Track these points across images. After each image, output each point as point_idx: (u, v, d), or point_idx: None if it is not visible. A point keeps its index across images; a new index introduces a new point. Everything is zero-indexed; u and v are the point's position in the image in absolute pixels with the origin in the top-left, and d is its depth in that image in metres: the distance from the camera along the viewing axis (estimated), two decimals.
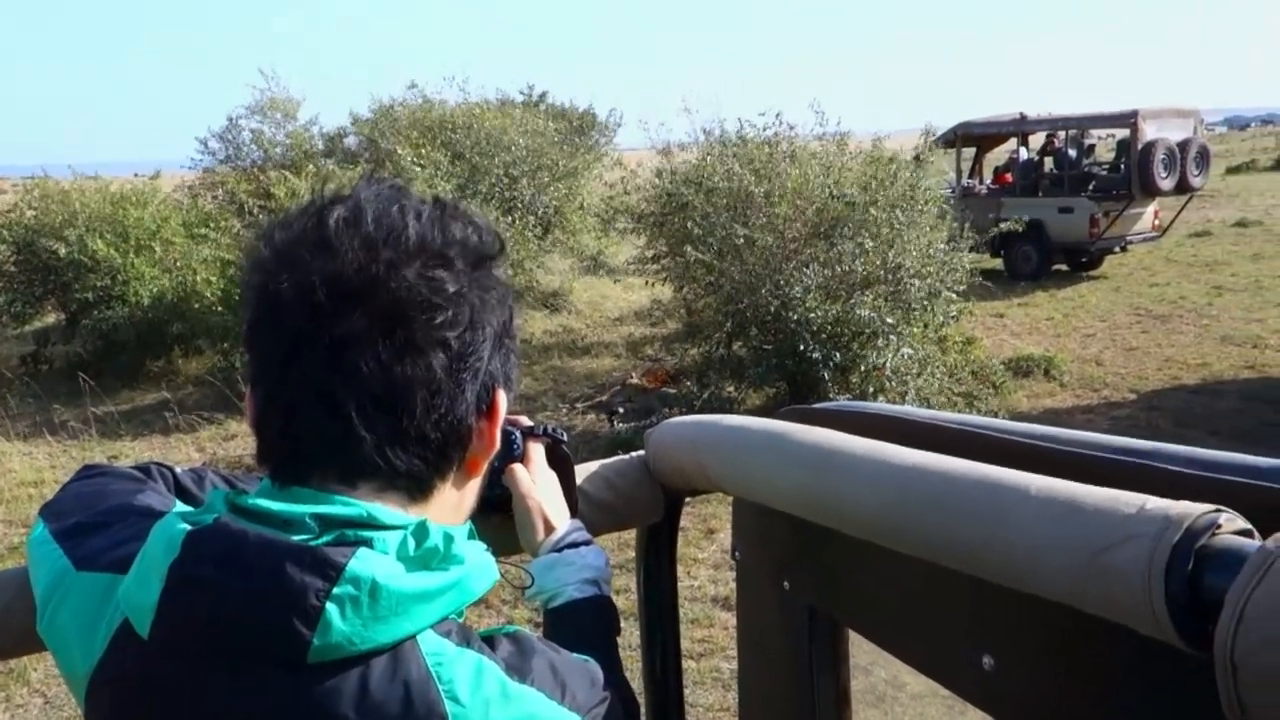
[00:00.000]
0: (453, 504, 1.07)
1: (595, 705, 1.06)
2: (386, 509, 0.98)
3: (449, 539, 0.98)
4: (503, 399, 1.05)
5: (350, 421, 0.96)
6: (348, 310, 0.95)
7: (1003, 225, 13.31)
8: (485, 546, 1.03)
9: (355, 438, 0.96)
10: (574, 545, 1.37)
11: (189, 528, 0.95)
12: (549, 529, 1.37)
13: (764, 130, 11.00)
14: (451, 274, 0.99)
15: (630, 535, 1.74)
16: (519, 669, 1.00)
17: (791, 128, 10.99)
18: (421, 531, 0.97)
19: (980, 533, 1.02)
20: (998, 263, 17.14)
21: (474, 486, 1.10)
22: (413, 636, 0.95)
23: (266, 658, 0.91)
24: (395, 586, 0.92)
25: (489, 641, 1.02)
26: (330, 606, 0.90)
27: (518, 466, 1.39)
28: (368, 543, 0.94)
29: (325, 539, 0.94)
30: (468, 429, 1.02)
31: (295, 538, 0.94)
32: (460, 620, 1.02)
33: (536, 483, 1.40)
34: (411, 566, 0.95)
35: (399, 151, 13.99)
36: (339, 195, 1.01)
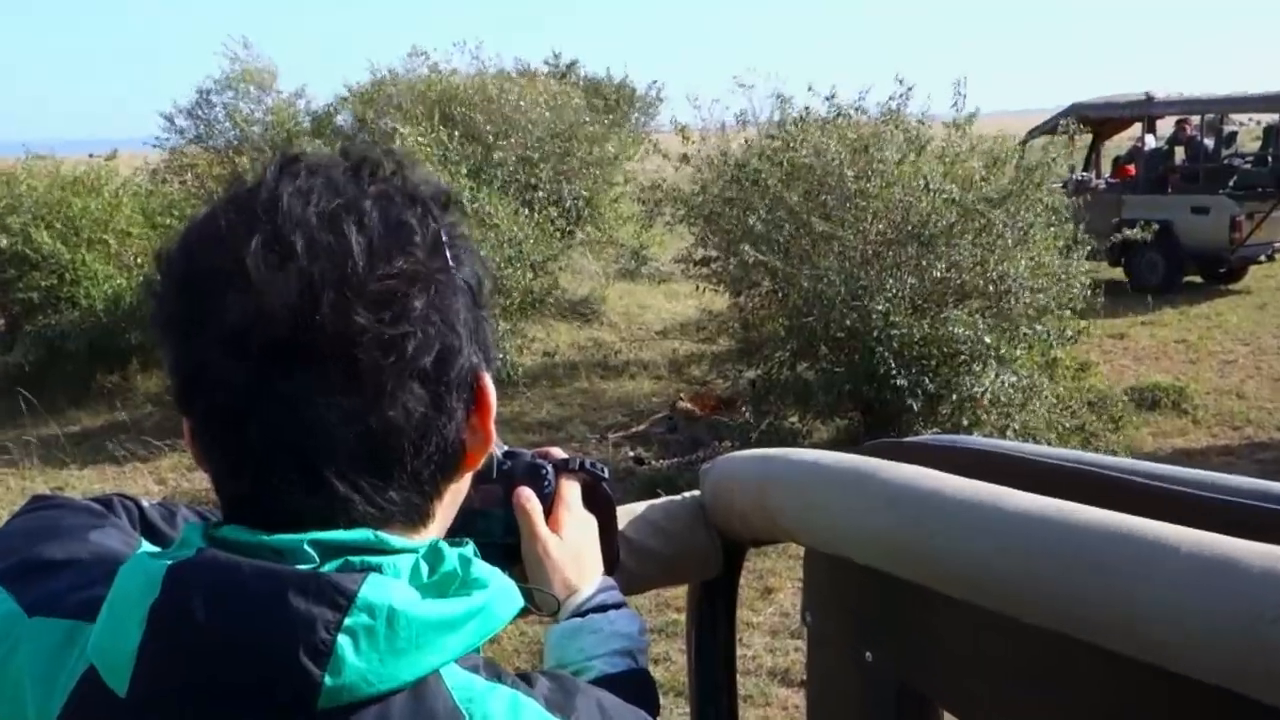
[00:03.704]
0: (452, 504, 1.09)
1: None
2: (392, 535, 0.99)
3: (466, 561, 0.99)
4: (489, 384, 1.06)
5: (332, 487, 0.97)
6: (295, 365, 0.95)
7: (1126, 232, 13.16)
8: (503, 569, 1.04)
9: (341, 500, 0.98)
10: (602, 609, 1.36)
11: (169, 563, 0.96)
12: (570, 588, 1.36)
13: (880, 104, 10.92)
14: (415, 286, 0.98)
15: (672, 593, 1.73)
16: (561, 706, 1.02)
17: (904, 108, 10.89)
18: (435, 555, 0.99)
19: (1113, 595, 1.01)
20: (1118, 272, 17.00)
21: (469, 477, 1.11)
22: (436, 672, 0.95)
23: (270, 708, 0.92)
24: (414, 614, 0.93)
25: (524, 679, 1.03)
26: (342, 640, 0.91)
27: (528, 501, 1.38)
28: (377, 569, 0.95)
29: (329, 566, 0.95)
30: (461, 442, 1.04)
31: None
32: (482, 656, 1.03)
33: (567, 529, 1.40)
34: (427, 593, 0.96)
35: (400, 130, 14.04)
36: (251, 205, 0.97)
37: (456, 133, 14.95)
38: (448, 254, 1.02)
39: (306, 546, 0.95)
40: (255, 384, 0.95)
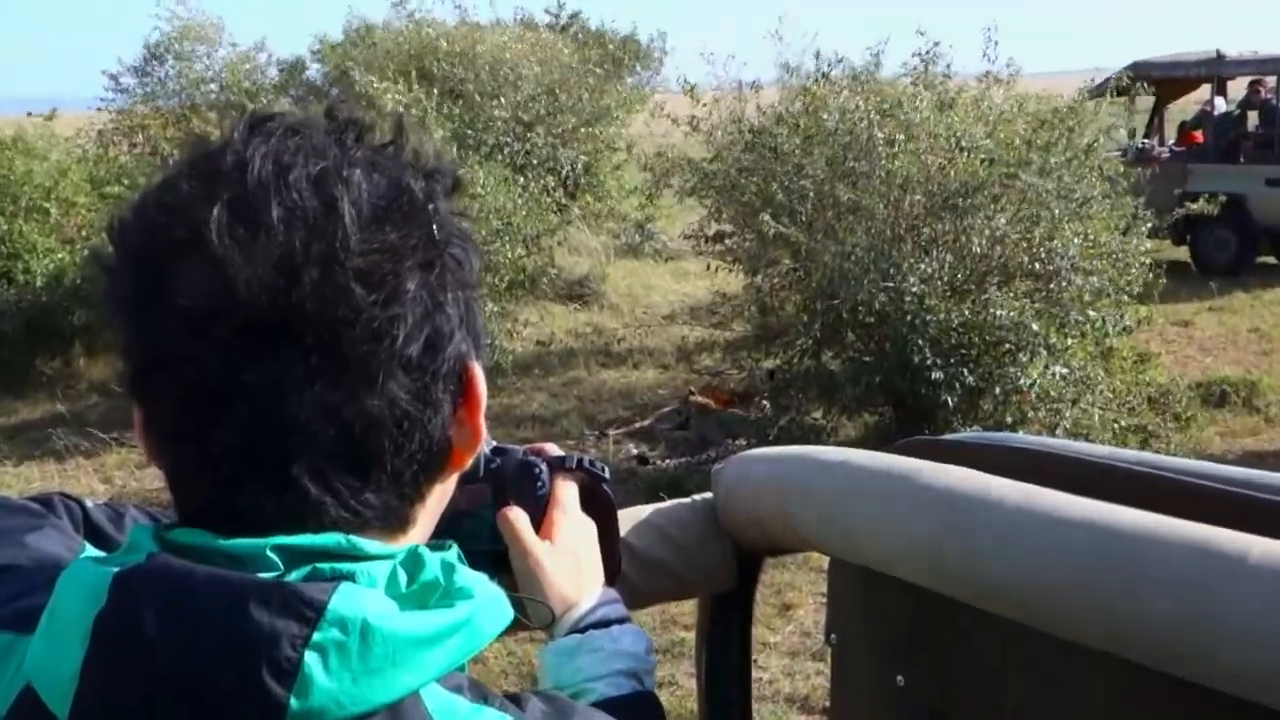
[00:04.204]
0: (436, 508, 1.10)
1: None
2: (366, 540, 0.99)
3: (449, 568, 0.99)
4: (479, 375, 1.07)
5: (303, 488, 0.97)
6: (271, 352, 0.94)
7: (1192, 206, 13.11)
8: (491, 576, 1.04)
9: (314, 503, 0.98)
10: (604, 624, 1.37)
11: (115, 570, 0.95)
12: (567, 601, 1.37)
13: (904, 64, 10.95)
14: (407, 263, 0.98)
15: (678, 608, 1.74)
16: None
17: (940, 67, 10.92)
18: (414, 561, 0.98)
19: (1179, 615, 1.01)
20: (1182, 251, 16.98)
21: (455, 478, 1.12)
22: (415, 693, 0.95)
23: None
24: (391, 628, 0.93)
25: (514, 701, 1.03)
26: (310, 657, 0.90)
27: (510, 511, 1.39)
28: (349, 577, 0.95)
29: (296, 575, 0.94)
30: (447, 439, 1.04)
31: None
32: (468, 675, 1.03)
33: (562, 534, 1.40)
34: (406, 605, 0.96)
35: (374, 84, 14.00)
36: (215, 168, 0.97)
37: (435, 90, 14.92)
38: (440, 229, 1.01)
39: (269, 552, 0.95)
40: (222, 372, 0.95)
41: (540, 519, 1.41)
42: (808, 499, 1.50)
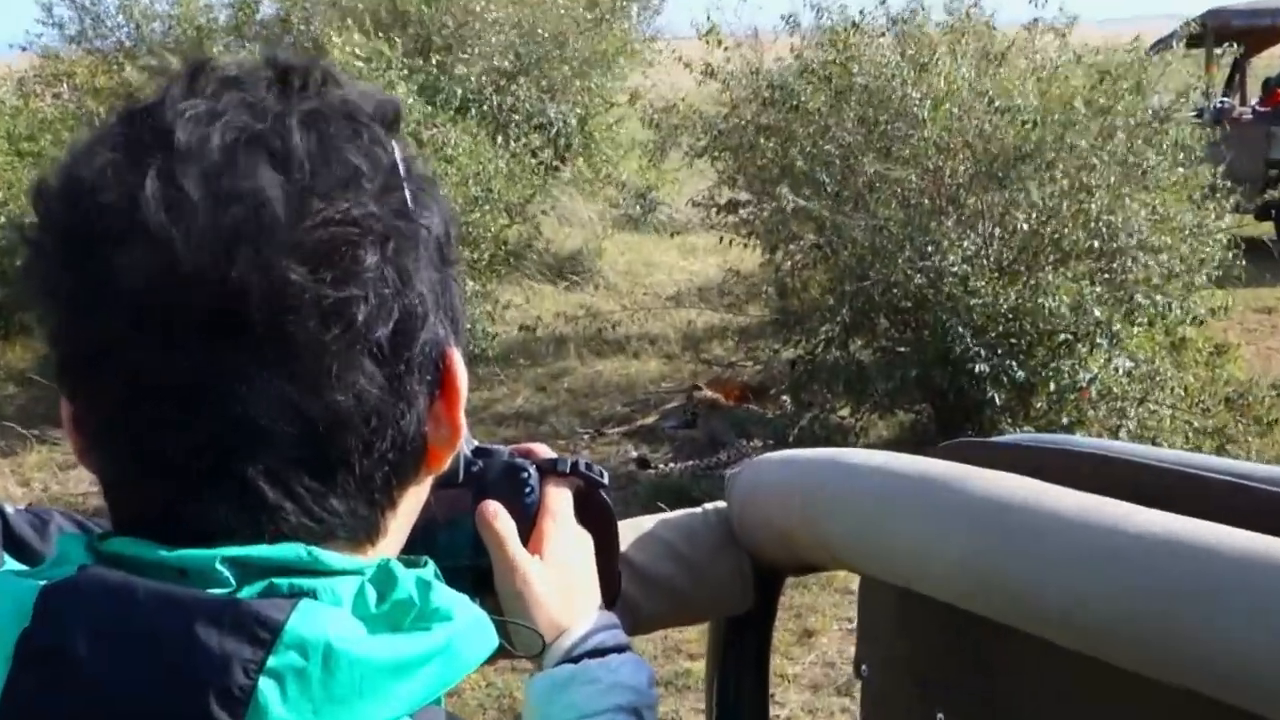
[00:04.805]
0: (409, 516, 1.10)
1: None
2: (330, 552, 0.99)
3: (425, 587, 0.99)
4: (458, 363, 1.07)
5: (258, 492, 0.97)
6: (215, 340, 0.94)
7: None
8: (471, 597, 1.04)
9: (269, 508, 0.97)
10: (600, 652, 1.37)
11: (42, 584, 0.95)
12: (558, 627, 1.37)
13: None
14: (367, 236, 0.97)
15: (684, 634, 1.74)
16: None
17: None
18: (386, 578, 0.98)
19: (1262, 645, 1.01)
20: (1266, 228, 16.94)
21: (430, 481, 1.12)
22: None
23: None
24: (358, 653, 0.92)
25: None
26: (265, 684, 0.90)
27: (495, 519, 1.39)
28: (310, 594, 0.95)
29: (249, 591, 0.94)
30: (422, 436, 1.05)
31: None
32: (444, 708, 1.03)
33: (554, 548, 1.40)
34: (375, 627, 0.95)
35: (332, 38, 13.98)
36: (145, 129, 0.97)
37: (409, 31, 14.84)
38: (407, 193, 1.01)
39: (219, 565, 0.94)
40: (164, 363, 0.94)
41: (529, 530, 1.41)
42: (835, 509, 1.50)
